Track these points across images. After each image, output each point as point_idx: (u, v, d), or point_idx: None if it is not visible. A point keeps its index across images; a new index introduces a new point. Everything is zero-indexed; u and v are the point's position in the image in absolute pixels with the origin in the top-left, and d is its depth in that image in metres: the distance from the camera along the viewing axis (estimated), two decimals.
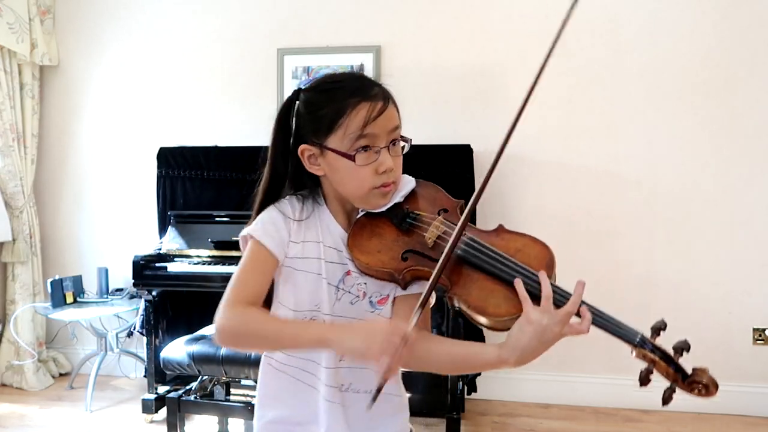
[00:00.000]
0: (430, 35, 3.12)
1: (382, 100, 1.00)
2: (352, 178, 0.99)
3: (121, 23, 3.42)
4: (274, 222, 1.03)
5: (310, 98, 1.03)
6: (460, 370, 1.05)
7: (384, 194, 1.02)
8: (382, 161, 0.99)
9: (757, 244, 2.87)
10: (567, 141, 3.02)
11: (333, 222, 1.07)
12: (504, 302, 0.90)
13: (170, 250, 2.81)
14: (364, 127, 0.96)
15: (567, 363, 3.02)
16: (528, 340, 0.88)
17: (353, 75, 1.08)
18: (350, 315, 1.04)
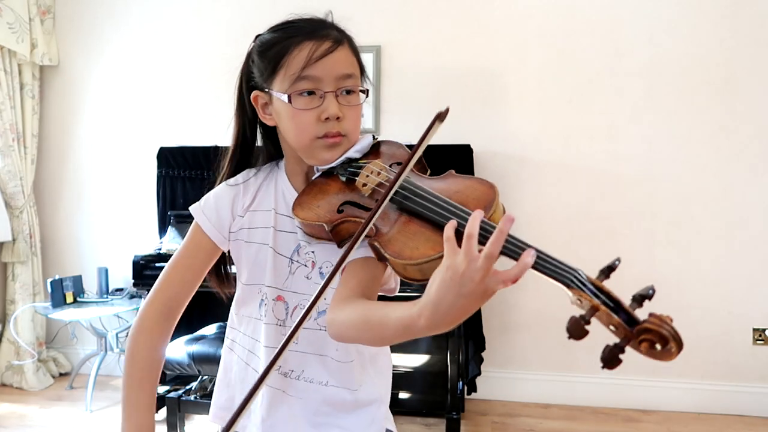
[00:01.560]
0: (430, 35, 3.12)
1: (332, 41, 0.90)
2: (294, 124, 0.89)
3: (121, 23, 3.42)
4: (217, 198, 0.99)
5: (262, 39, 0.96)
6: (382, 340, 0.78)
7: (329, 146, 0.90)
8: (325, 107, 0.88)
9: (757, 244, 2.87)
10: (567, 141, 3.02)
11: (288, 186, 0.98)
12: (423, 244, 0.75)
13: (170, 250, 2.80)
14: (304, 68, 0.87)
15: (567, 363, 3.02)
16: (443, 291, 0.65)
17: (310, 17, 0.97)
18: (304, 291, 0.93)
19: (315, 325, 0.93)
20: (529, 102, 3.05)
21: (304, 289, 0.93)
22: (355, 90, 0.92)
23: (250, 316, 0.98)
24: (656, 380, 2.95)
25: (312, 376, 0.94)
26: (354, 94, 0.92)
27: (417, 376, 2.92)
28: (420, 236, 0.77)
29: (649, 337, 0.62)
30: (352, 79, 0.91)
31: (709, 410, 2.90)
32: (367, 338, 0.80)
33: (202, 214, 0.98)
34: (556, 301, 3.00)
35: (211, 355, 2.20)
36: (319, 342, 0.93)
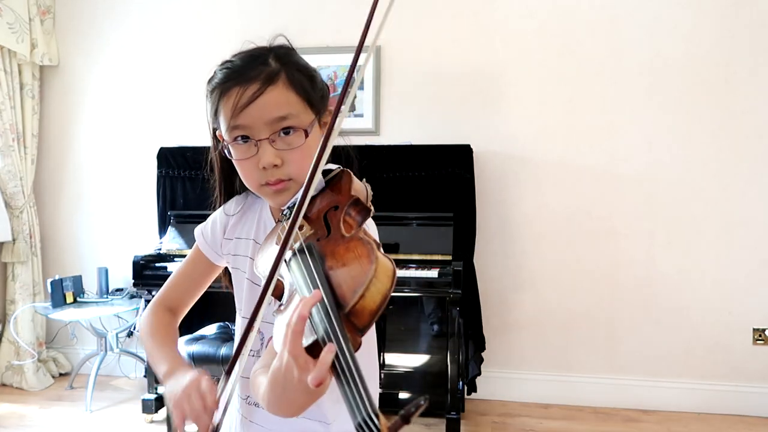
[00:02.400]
0: (430, 35, 3.12)
1: (260, 83, 0.82)
2: (241, 171, 0.87)
3: (121, 23, 3.42)
4: (214, 221, 1.04)
5: (212, 77, 0.92)
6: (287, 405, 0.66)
7: (275, 192, 0.85)
8: (259, 156, 0.83)
9: (757, 244, 2.87)
10: (567, 141, 3.02)
11: (269, 217, 0.95)
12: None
13: (170, 250, 2.81)
14: (232, 117, 0.83)
15: (567, 363, 3.02)
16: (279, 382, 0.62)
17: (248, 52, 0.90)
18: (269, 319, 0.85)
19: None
20: (529, 102, 3.05)
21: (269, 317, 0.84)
22: (296, 128, 0.84)
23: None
24: (656, 380, 2.95)
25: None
26: (295, 133, 0.84)
27: (417, 376, 2.92)
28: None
29: None
30: (288, 120, 0.83)
31: (709, 410, 2.90)
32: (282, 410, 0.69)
33: (201, 235, 1.04)
34: (556, 301, 3.00)
35: (211, 355, 2.20)
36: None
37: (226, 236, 1.00)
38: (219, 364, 2.18)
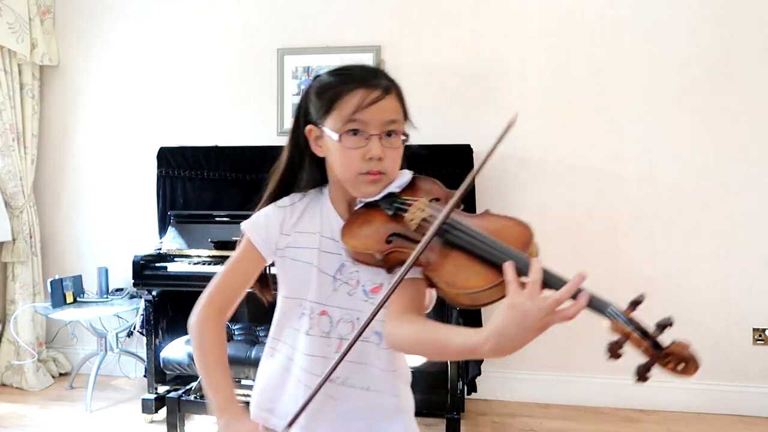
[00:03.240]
0: (430, 35, 3.12)
1: (381, 90, 1.02)
2: (341, 159, 1.02)
3: (121, 23, 3.42)
4: (267, 217, 1.09)
5: (320, 81, 1.07)
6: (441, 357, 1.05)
7: (371, 182, 1.03)
8: (369, 148, 1.01)
9: (757, 244, 2.87)
10: (567, 141, 3.02)
11: (333, 212, 1.10)
12: (473, 276, 0.88)
13: (170, 250, 2.81)
14: (355, 112, 0.99)
15: (567, 363, 3.02)
16: (507, 325, 0.79)
17: (364, 66, 1.09)
18: (346, 306, 1.05)
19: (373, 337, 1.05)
20: (529, 102, 3.05)
21: (347, 304, 1.05)
22: (398, 133, 1.05)
23: (291, 327, 1.09)
24: (656, 380, 2.91)
25: (355, 383, 1.05)
26: (395, 137, 1.04)
27: (417, 376, 2.89)
28: (469, 269, 0.90)
29: (672, 359, 0.80)
30: (395, 124, 1.04)
31: (709, 410, 2.90)
32: (427, 354, 0.97)
33: (253, 230, 1.09)
34: None
35: None
36: (362, 352, 1.04)
37: (284, 232, 1.09)
38: None
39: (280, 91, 3.26)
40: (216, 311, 1.08)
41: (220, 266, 2.67)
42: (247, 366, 2.17)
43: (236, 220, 2.82)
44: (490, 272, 0.87)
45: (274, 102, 3.27)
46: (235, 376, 2.23)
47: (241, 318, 3.09)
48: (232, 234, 2.77)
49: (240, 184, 2.93)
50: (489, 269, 0.87)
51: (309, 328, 1.06)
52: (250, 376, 2.20)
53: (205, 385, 1.08)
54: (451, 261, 0.92)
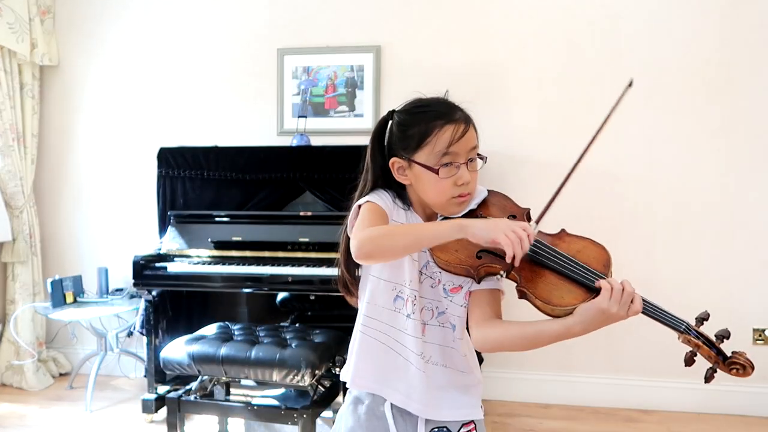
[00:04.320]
0: (430, 35, 3.12)
1: (465, 123, 1.15)
2: (435, 188, 1.15)
3: (121, 23, 3.42)
4: (382, 195, 1.20)
5: (402, 119, 1.20)
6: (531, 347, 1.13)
7: (460, 203, 1.16)
8: (460, 175, 1.13)
9: (757, 244, 2.87)
10: (567, 141, 3.01)
11: (416, 219, 1.22)
12: (567, 295, 1.05)
13: (170, 250, 2.80)
14: (449, 147, 1.12)
15: (567, 363, 3.02)
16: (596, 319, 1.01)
17: (440, 100, 1.24)
18: (429, 296, 1.18)
19: (436, 322, 1.19)
20: (529, 102, 3.05)
21: (430, 295, 1.19)
22: (477, 157, 1.19)
23: (385, 307, 1.20)
24: (656, 380, 2.95)
25: (437, 361, 1.19)
26: (475, 160, 1.19)
27: None
28: (562, 288, 1.07)
29: (737, 366, 1.07)
30: (476, 150, 1.18)
31: (709, 410, 2.90)
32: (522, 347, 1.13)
33: (379, 200, 1.18)
34: None
35: (210, 355, 2.20)
36: (439, 336, 1.19)
37: (393, 218, 1.20)
38: (219, 364, 2.18)
39: (280, 91, 3.26)
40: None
41: (220, 266, 2.68)
42: (247, 366, 2.16)
43: (236, 220, 2.83)
44: (579, 290, 1.05)
45: (274, 102, 3.27)
46: (235, 375, 2.23)
47: (241, 318, 3.09)
48: (232, 234, 2.77)
49: (240, 184, 2.93)
50: (578, 288, 1.06)
51: (411, 313, 1.17)
52: (250, 376, 2.20)
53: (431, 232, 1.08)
54: (542, 279, 1.08)
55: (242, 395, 2.60)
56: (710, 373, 1.07)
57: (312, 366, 2.13)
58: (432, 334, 1.19)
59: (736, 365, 1.06)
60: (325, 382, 2.36)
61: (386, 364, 1.20)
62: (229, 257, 2.70)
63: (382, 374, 1.20)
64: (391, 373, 1.19)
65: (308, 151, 2.90)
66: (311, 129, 3.11)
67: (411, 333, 1.18)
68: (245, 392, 2.64)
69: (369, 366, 1.22)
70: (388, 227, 1.14)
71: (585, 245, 1.16)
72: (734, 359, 1.06)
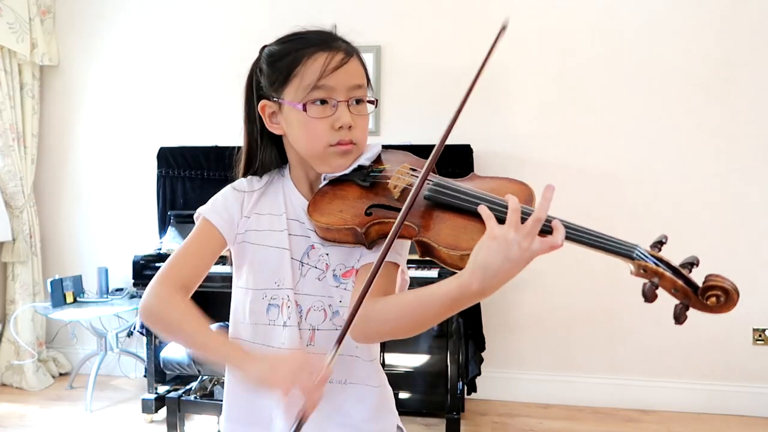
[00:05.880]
0: (430, 35, 3.12)
1: (344, 53, 0.93)
2: (307, 132, 0.93)
3: (121, 23, 3.42)
4: (226, 198, 1.00)
5: (271, 50, 0.98)
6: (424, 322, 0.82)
7: (342, 153, 0.94)
8: (338, 116, 0.92)
9: (757, 244, 2.87)
10: (567, 141, 3.02)
11: (295, 192, 1.01)
12: (477, 235, 0.80)
13: (170, 250, 2.80)
14: (319, 78, 0.90)
15: (567, 363, 3.02)
16: (492, 257, 0.74)
17: (319, 29, 0.99)
18: (316, 293, 0.95)
19: (331, 325, 0.95)
20: (529, 102, 3.05)
21: (317, 290, 0.95)
22: (364, 100, 0.96)
23: (256, 323, 0.97)
24: (656, 380, 2.95)
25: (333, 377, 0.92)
26: (363, 104, 0.96)
27: (417, 376, 2.92)
28: (471, 228, 0.83)
29: (715, 293, 0.77)
30: (361, 90, 0.95)
31: (709, 410, 2.90)
32: (409, 323, 0.83)
33: (213, 213, 0.98)
34: (556, 301, 3.00)
35: None
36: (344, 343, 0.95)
37: (244, 214, 0.99)
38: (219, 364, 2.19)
39: None
40: (175, 288, 0.91)
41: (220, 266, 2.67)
42: None
43: None
44: None
45: None
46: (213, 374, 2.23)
47: None
48: None
49: None
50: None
51: (288, 319, 0.94)
52: None
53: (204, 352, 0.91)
54: (446, 223, 0.85)
55: None
56: (680, 310, 0.78)
57: None
58: (323, 341, 0.94)
59: (714, 292, 0.78)
60: None
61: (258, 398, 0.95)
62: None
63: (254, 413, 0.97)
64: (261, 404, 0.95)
65: None
66: None
67: (289, 345, 0.93)
68: None
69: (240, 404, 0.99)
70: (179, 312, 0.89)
71: (500, 183, 0.92)
72: (710, 283, 0.78)
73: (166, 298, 0.90)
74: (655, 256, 0.79)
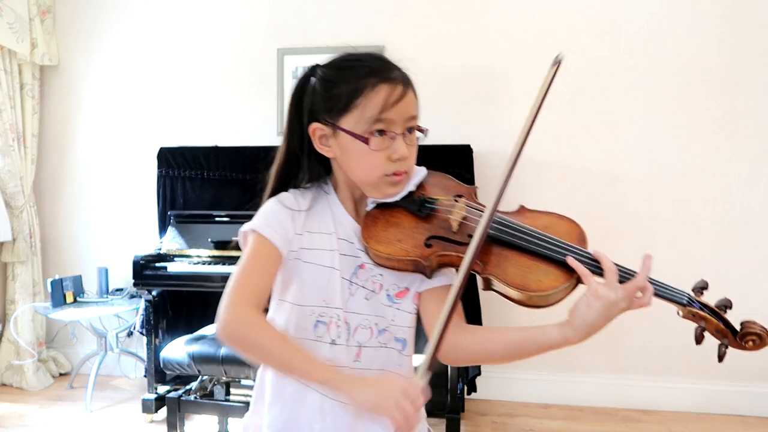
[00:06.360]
0: (431, 35, 3.12)
1: (402, 85, 0.96)
2: (364, 162, 0.94)
3: (121, 23, 3.42)
4: (277, 214, 0.97)
5: (326, 75, 0.97)
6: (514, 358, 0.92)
7: (394, 183, 0.97)
8: (396, 148, 0.94)
9: (757, 244, 2.87)
10: (567, 141, 3.02)
11: (343, 212, 1.01)
12: (544, 277, 0.87)
13: (170, 250, 2.80)
14: (382, 111, 0.92)
15: (567, 363, 3.02)
16: (596, 317, 0.85)
17: (374, 55, 1.00)
18: (365, 311, 0.98)
19: (377, 342, 0.99)
20: (530, 102, 3.04)
21: (364, 309, 0.98)
22: (415, 128, 0.99)
23: (303, 338, 0.98)
24: (656, 380, 2.95)
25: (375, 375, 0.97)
26: (413, 133, 0.99)
27: None
28: (536, 269, 0.88)
29: (752, 338, 0.92)
30: (415, 120, 0.98)
31: (709, 410, 2.90)
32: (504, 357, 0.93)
33: (268, 228, 0.96)
34: None
35: (211, 355, 2.20)
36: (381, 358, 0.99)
37: (296, 232, 0.98)
38: (219, 364, 2.18)
39: (280, 91, 3.26)
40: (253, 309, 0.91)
41: (220, 266, 2.68)
42: (247, 366, 2.16)
43: (236, 220, 2.83)
44: (558, 270, 0.88)
45: (274, 102, 3.27)
46: (235, 376, 2.23)
47: None
48: (232, 234, 2.75)
49: (240, 184, 2.93)
50: (555, 267, 0.88)
51: (337, 337, 0.97)
52: (250, 376, 2.20)
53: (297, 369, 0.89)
54: (511, 261, 0.90)
55: (242, 395, 2.60)
56: (722, 350, 0.93)
57: None
58: (369, 358, 0.98)
59: (751, 337, 0.92)
60: None
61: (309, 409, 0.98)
62: (229, 257, 2.70)
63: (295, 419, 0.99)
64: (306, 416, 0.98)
65: None
66: None
67: (340, 363, 0.96)
68: (245, 392, 2.64)
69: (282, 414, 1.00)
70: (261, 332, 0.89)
71: (551, 220, 0.96)
72: (747, 329, 0.92)
73: (251, 322, 0.89)
74: (701, 302, 0.93)
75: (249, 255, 0.95)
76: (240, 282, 0.92)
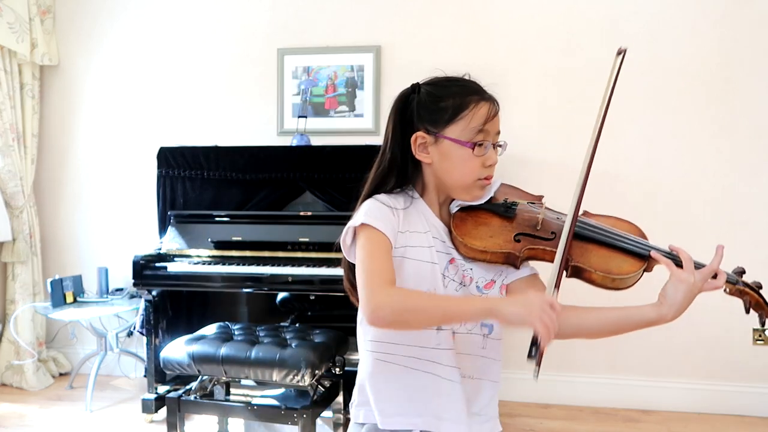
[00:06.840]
0: (430, 35, 3.12)
1: (495, 102, 1.15)
2: (462, 166, 1.09)
3: (121, 23, 3.42)
4: (381, 209, 1.09)
5: (432, 90, 1.13)
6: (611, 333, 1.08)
7: (483, 186, 1.13)
8: (490, 155, 1.11)
9: (757, 244, 2.87)
10: (567, 141, 3.02)
11: (431, 213, 1.15)
12: (623, 264, 1.07)
13: (170, 250, 2.80)
14: (485, 123, 1.09)
15: (567, 363, 3.02)
16: (681, 297, 1.02)
17: (469, 79, 1.19)
18: None
19: (465, 330, 1.12)
20: (529, 102, 3.05)
21: None
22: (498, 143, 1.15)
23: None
24: (656, 380, 2.95)
25: (470, 373, 1.13)
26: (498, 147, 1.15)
27: None
28: (615, 258, 1.08)
29: None
30: (499, 135, 1.15)
31: (709, 410, 2.90)
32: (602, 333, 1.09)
33: (378, 221, 1.06)
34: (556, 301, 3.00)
35: (211, 355, 2.20)
36: (468, 344, 1.13)
37: (399, 230, 1.10)
38: (219, 364, 2.18)
39: (280, 91, 3.26)
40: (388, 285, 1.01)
41: (220, 266, 2.68)
42: (247, 366, 2.16)
43: (236, 221, 2.83)
44: (633, 259, 1.08)
45: (274, 102, 3.27)
46: (235, 375, 2.23)
47: (241, 318, 3.09)
48: (232, 234, 2.77)
49: (240, 184, 2.93)
50: (630, 257, 1.08)
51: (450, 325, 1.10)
52: (250, 376, 2.20)
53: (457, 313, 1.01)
54: (593, 253, 1.09)
55: (242, 395, 2.60)
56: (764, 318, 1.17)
57: (312, 366, 2.13)
58: (461, 343, 1.12)
59: None
60: (325, 382, 2.36)
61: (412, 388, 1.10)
62: (229, 257, 2.70)
63: (409, 402, 1.11)
64: (418, 397, 1.10)
65: (308, 151, 2.90)
66: (311, 129, 3.11)
67: (444, 346, 1.10)
68: (245, 392, 2.64)
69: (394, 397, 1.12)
70: (412, 297, 1.01)
71: (614, 222, 1.18)
72: None
73: (400, 295, 1.01)
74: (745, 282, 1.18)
75: (367, 246, 1.06)
76: (371, 269, 1.03)
